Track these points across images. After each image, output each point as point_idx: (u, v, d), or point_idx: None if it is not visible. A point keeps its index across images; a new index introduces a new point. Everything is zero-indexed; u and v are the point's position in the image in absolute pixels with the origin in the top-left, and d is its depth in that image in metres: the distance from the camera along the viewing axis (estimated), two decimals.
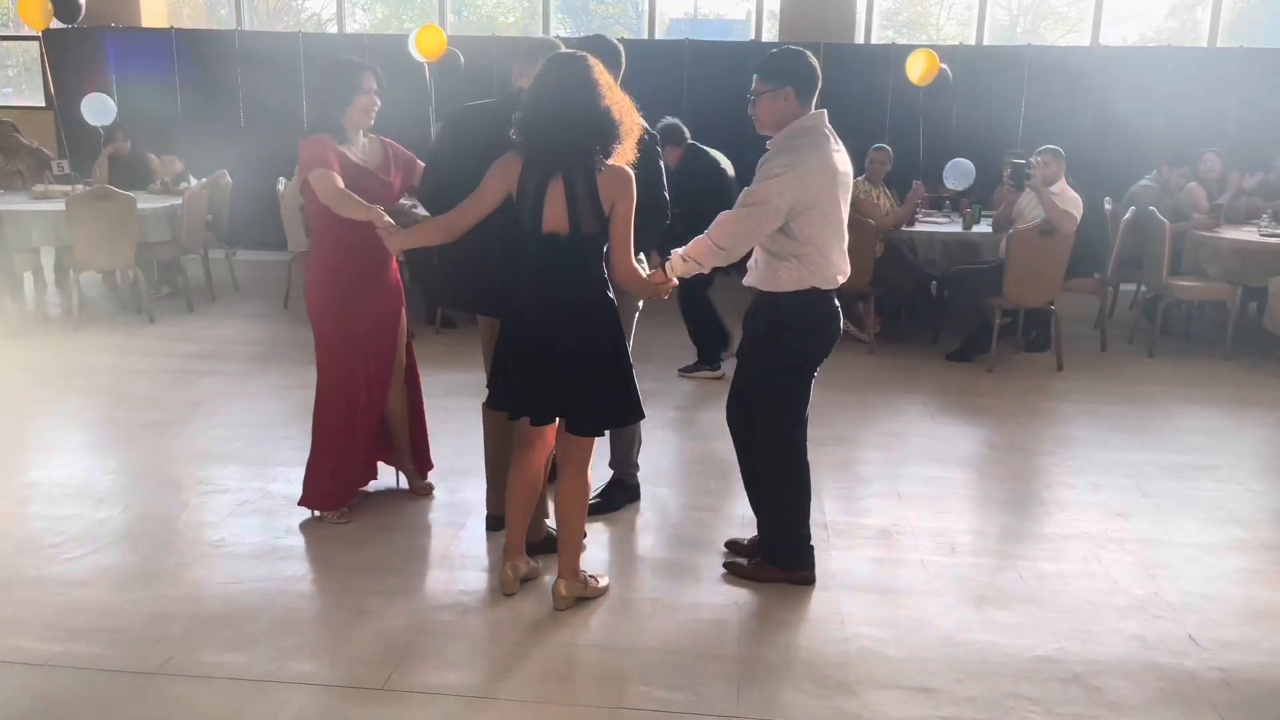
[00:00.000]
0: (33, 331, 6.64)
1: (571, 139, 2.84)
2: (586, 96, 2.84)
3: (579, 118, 2.83)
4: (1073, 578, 3.50)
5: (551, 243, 2.91)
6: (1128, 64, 9.19)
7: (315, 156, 3.47)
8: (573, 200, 2.86)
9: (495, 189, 2.96)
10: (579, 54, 2.92)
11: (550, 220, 2.89)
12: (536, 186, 2.88)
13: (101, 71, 9.68)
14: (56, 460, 4.44)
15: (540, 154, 2.88)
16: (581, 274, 2.96)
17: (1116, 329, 7.21)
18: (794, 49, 3.21)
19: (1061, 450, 4.84)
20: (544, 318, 2.96)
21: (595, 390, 3.00)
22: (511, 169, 2.93)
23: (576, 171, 2.85)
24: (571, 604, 3.18)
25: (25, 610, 3.11)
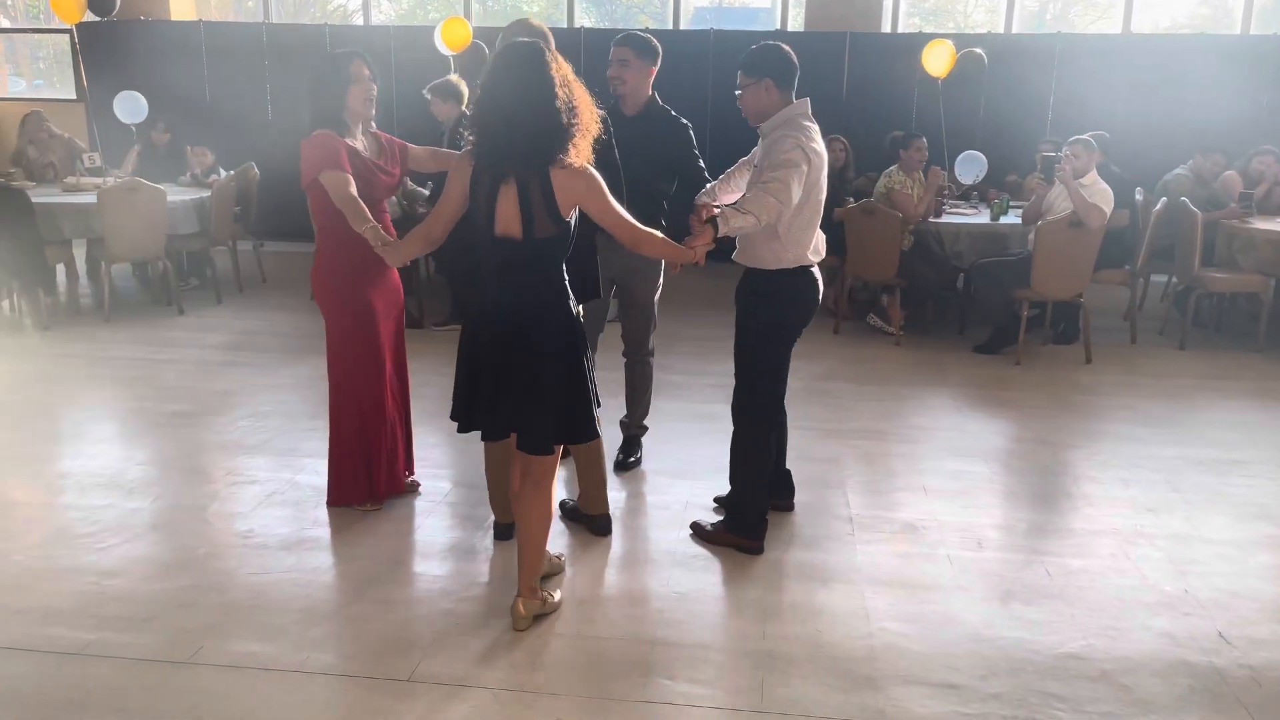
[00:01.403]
0: (64, 323, 6.73)
1: (522, 139, 2.66)
2: (539, 93, 2.65)
3: (530, 116, 2.65)
4: (1101, 574, 3.47)
5: (505, 246, 2.75)
6: (1159, 51, 9.05)
7: (327, 157, 3.44)
8: (526, 203, 2.70)
9: (455, 192, 2.82)
10: (532, 44, 2.72)
11: (503, 223, 2.73)
12: (489, 188, 2.72)
13: (131, 64, 9.76)
14: (89, 451, 4.50)
15: (490, 155, 2.71)
16: (536, 279, 2.79)
17: (1146, 321, 7.13)
18: (771, 43, 3.40)
19: (1090, 444, 4.80)
20: (497, 324, 2.80)
21: (546, 403, 2.82)
22: (465, 170, 2.79)
23: (530, 173, 2.68)
24: (530, 624, 3.03)
25: (59, 600, 3.16)
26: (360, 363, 3.72)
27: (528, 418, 2.85)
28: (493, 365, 2.82)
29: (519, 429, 2.89)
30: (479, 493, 4.09)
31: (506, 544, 3.60)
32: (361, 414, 3.75)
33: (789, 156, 3.22)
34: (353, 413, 3.75)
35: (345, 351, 3.71)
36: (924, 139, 6.86)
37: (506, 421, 2.89)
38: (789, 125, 3.32)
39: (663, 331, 6.77)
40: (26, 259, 6.50)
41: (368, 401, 3.75)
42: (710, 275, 8.81)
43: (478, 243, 2.83)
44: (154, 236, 6.80)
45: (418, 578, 3.37)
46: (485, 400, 2.86)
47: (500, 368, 2.81)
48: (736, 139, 8.08)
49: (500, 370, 2.81)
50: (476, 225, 2.81)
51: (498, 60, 2.74)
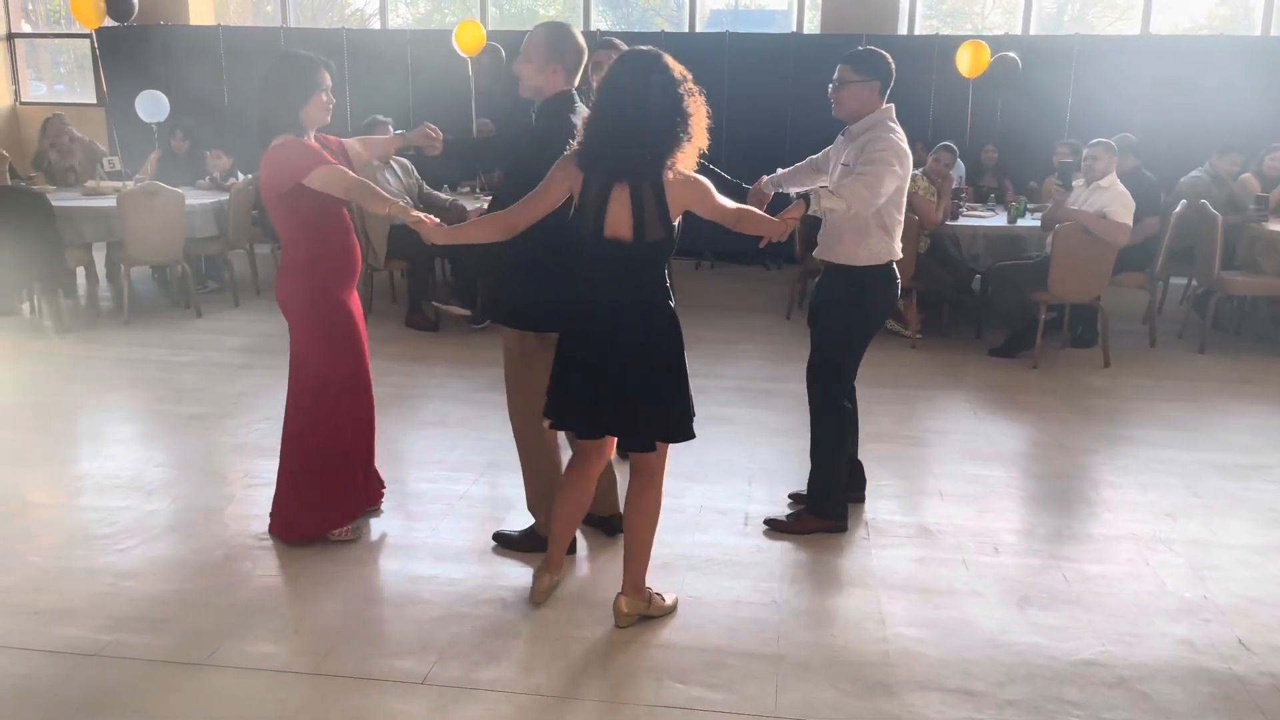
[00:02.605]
0: (84, 325, 6.78)
1: (639, 147, 2.72)
2: (658, 101, 2.71)
3: (648, 124, 2.71)
4: (1119, 579, 3.45)
5: (613, 248, 2.80)
6: (1178, 53, 8.99)
7: (307, 156, 3.26)
8: (638, 207, 2.75)
9: (556, 192, 2.86)
10: (651, 52, 2.78)
11: (612, 226, 2.77)
12: (600, 192, 2.77)
13: (151, 69, 9.84)
14: (107, 452, 4.53)
15: (604, 160, 2.76)
16: (643, 279, 2.85)
17: (1166, 324, 7.07)
18: (878, 49, 3.63)
19: (1108, 448, 4.76)
20: (603, 325, 2.86)
21: (649, 403, 2.87)
22: (572, 170, 2.82)
23: (643, 179, 2.75)
24: (634, 622, 3.07)
25: (77, 601, 3.18)
26: (350, 375, 3.52)
27: (632, 417, 2.89)
28: (596, 365, 2.86)
29: (622, 429, 2.95)
30: (495, 491, 4.10)
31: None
32: (340, 433, 3.52)
33: (884, 154, 3.41)
34: (329, 433, 3.50)
35: (327, 366, 3.46)
36: (953, 149, 6.80)
37: (606, 421, 2.93)
38: (881, 126, 3.51)
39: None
40: (47, 262, 6.56)
41: (351, 417, 3.55)
42: (727, 278, 8.80)
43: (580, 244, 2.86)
44: (173, 240, 6.85)
45: (433, 580, 3.38)
46: (585, 400, 2.90)
47: (604, 367, 2.85)
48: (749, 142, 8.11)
49: (604, 370, 2.85)
50: (579, 227, 2.84)
51: (618, 67, 2.79)
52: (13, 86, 11.17)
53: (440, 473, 4.31)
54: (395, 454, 4.48)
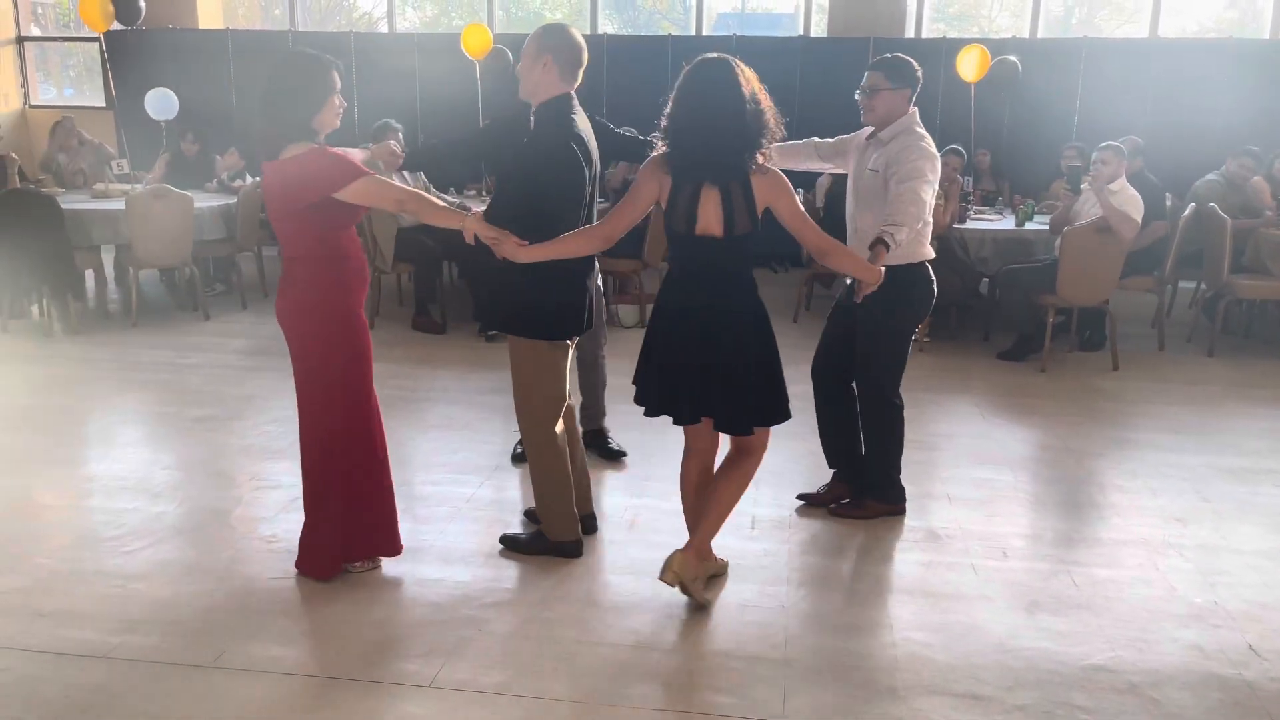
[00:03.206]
0: (93, 328, 6.80)
1: (725, 149, 2.86)
2: (737, 105, 2.85)
3: (730, 127, 2.85)
4: (1128, 584, 3.43)
5: (705, 245, 2.95)
6: (1186, 56, 8.97)
7: (340, 168, 3.05)
8: (728, 204, 2.90)
9: (646, 197, 3.00)
10: (724, 59, 2.91)
11: (704, 224, 2.92)
12: (691, 193, 2.91)
13: (159, 72, 9.87)
14: (115, 454, 4.54)
15: (693, 163, 2.90)
16: (735, 274, 3.01)
17: (1175, 328, 7.05)
18: (906, 56, 3.75)
19: (1117, 452, 4.75)
20: (698, 318, 2.99)
21: (746, 388, 3.02)
22: (661, 173, 2.95)
23: (732, 179, 2.89)
24: (677, 581, 3.11)
25: (86, 603, 3.19)
26: (357, 404, 3.29)
27: (730, 403, 3.03)
28: (692, 354, 2.99)
29: (720, 414, 3.06)
30: (500, 494, 4.10)
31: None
32: (359, 463, 3.33)
33: (916, 165, 3.53)
34: (348, 464, 3.30)
35: (339, 396, 3.25)
36: (962, 153, 6.79)
37: (706, 408, 3.06)
38: (910, 134, 3.64)
39: None
40: (56, 264, 6.59)
41: (368, 449, 3.35)
42: None
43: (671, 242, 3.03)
44: (181, 243, 6.87)
45: (439, 583, 3.37)
46: (684, 388, 3.03)
47: (700, 356, 2.99)
48: None
49: (700, 359, 2.98)
50: (670, 226, 2.99)
51: (693, 75, 2.91)
52: (22, 90, 11.22)
53: (446, 475, 4.31)
54: (402, 457, 4.48)
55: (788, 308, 7.51)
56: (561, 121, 3.29)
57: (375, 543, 3.42)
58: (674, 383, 3.05)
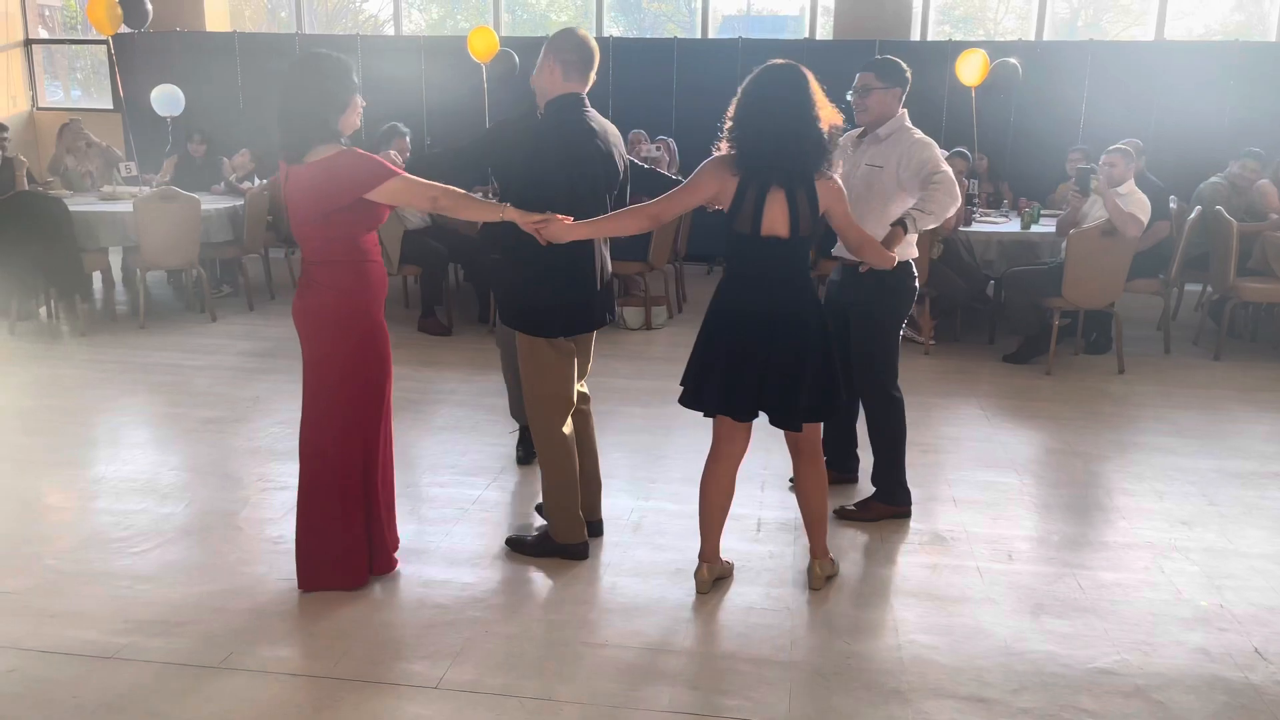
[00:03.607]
0: (100, 329, 6.83)
1: (795, 154, 2.96)
2: (806, 111, 2.95)
3: (800, 132, 2.95)
4: (1134, 588, 3.43)
5: (770, 245, 3.03)
6: (1193, 59, 8.95)
7: (371, 168, 3.01)
8: (794, 206, 2.98)
9: (705, 190, 3.05)
10: (793, 65, 3.01)
11: (769, 224, 3.00)
12: (758, 194, 2.99)
13: (167, 74, 9.91)
14: (123, 456, 4.56)
15: (762, 166, 2.97)
16: (798, 273, 3.10)
17: (1181, 331, 7.04)
18: (897, 59, 3.82)
19: (1122, 455, 4.74)
20: (764, 317, 3.06)
21: (807, 382, 3.09)
22: (726, 174, 3.01)
23: (798, 182, 2.98)
24: (825, 584, 3.36)
25: (93, 604, 3.20)
26: (370, 415, 3.24)
27: (792, 397, 3.09)
28: (757, 352, 3.06)
29: (780, 411, 3.12)
30: (505, 495, 4.11)
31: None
32: (366, 474, 3.26)
33: (937, 158, 3.63)
34: (355, 473, 3.23)
35: (351, 404, 3.19)
36: (967, 155, 6.79)
37: (767, 404, 3.12)
38: (905, 131, 3.76)
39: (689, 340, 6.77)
40: (64, 266, 6.62)
41: (378, 457, 3.30)
42: None
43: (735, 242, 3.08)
44: (188, 245, 6.89)
45: (446, 584, 3.38)
46: (744, 386, 3.09)
47: (765, 354, 3.06)
48: None
49: (766, 356, 3.06)
50: (733, 226, 3.05)
51: (763, 80, 3.00)
52: (30, 92, 11.26)
53: (453, 477, 4.32)
54: (409, 459, 4.49)
55: None
56: (573, 117, 3.30)
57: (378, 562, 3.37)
58: (736, 381, 3.10)
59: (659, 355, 6.34)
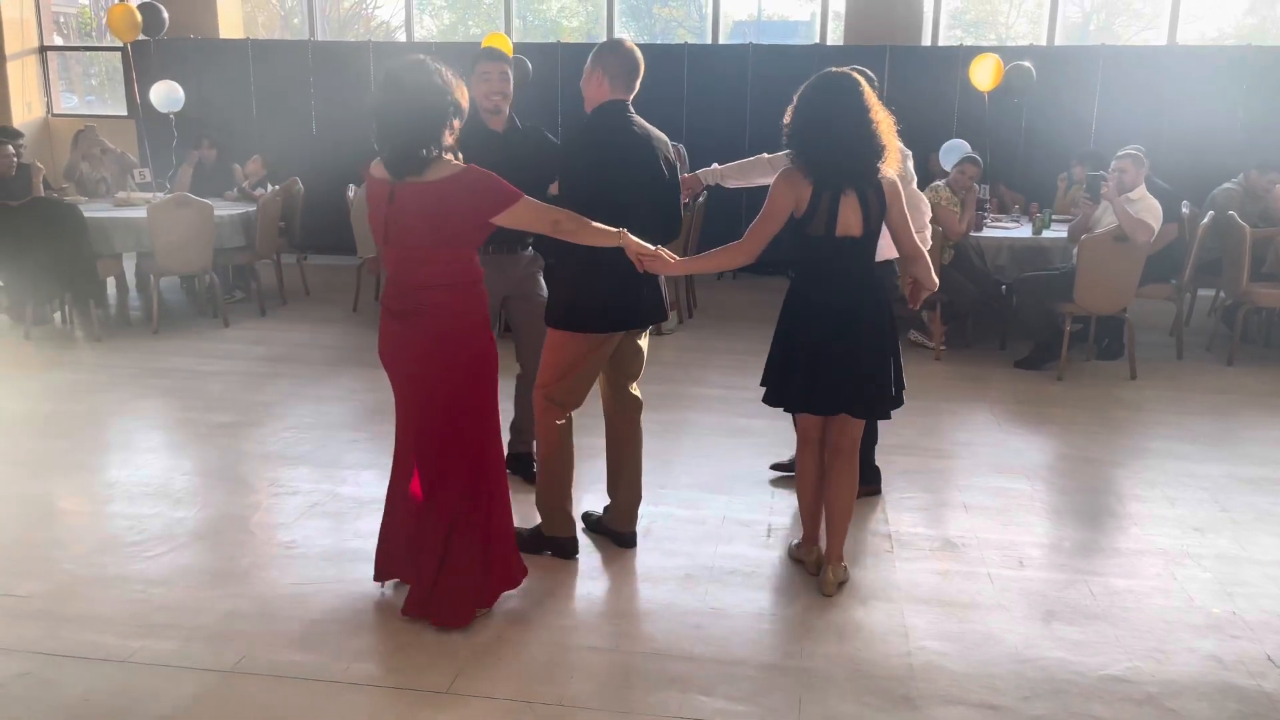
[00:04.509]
0: (114, 335, 6.87)
1: (863, 157, 3.11)
2: (867, 116, 3.10)
3: (866, 136, 3.09)
4: (1146, 594, 3.42)
5: (845, 245, 3.18)
6: (1205, 63, 8.92)
7: (500, 189, 2.91)
8: (865, 207, 3.14)
9: (785, 206, 3.15)
10: (849, 74, 3.14)
11: (844, 226, 3.14)
12: (831, 197, 3.12)
13: (181, 81, 9.96)
14: (137, 460, 4.59)
15: (833, 169, 3.10)
16: (868, 270, 3.26)
17: (1193, 336, 7.01)
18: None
19: (1135, 462, 4.73)
20: (843, 313, 3.20)
21: (880, 374, 3.26)
22: (799, 184, 3.12)
23: (867, 184, 3.14)
24: (837, 591, 3.39)
25: (107, 607, 3.23)
26: (495, 436, 3.17)
27: (866, 391, 3.25)
28: (839, 346, 3.20)
29: (859, 402, 3.26)
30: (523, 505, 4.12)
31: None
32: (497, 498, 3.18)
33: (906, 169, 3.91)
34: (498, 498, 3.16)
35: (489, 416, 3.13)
36: (979, 161, 6.77)
37: (845, 398, 3.25)
38: None
39: (700, 346, 6.80)
40: (78, 272, 6.66)
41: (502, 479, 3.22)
42: (751, 289, 8.81)
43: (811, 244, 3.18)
44: (201, 250, 6.93)
45: None
46: (827, 382, 3.22)
47: (846, 346, 3.20)
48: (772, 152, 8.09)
49: (842, 348, 3.20)
50: (807, 230, 3.16)
51: (821, 90, 3.13)
52: (45, 99, 11.34)
53: None
54: None
55: None
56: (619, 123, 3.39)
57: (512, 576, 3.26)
58: (819, 376, 3.22)
59: (669, 360, 6.35)
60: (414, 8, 11.13)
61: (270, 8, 16.75)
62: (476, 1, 16.62)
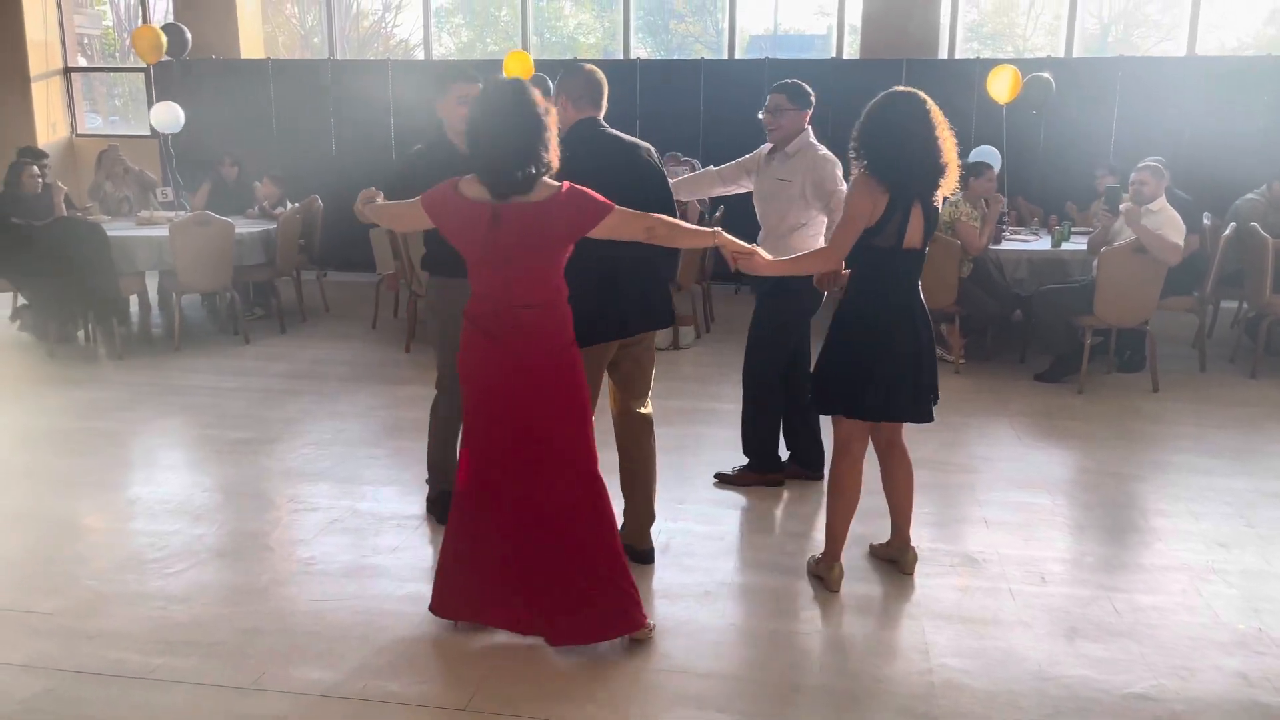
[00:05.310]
0: (136, 352, 6.93)
1: (932, 171, 3.26)
2: (931, 133, 3.24)
3: (933, 150, 3.24)
4: (1171, 611, 3.37)
5: (910, 255, 3.32)
6: (1225, 73, 8.86)
7: (596, 201, 2.90)
8: (928, 219, 3.30)
9: (865, 212, 3.24)
10: (915, 93, 3.28)
11: (910, 237, 3.28)
12: (903, 209, 3.24)
13: (202, 101, 10.09)
14: (158, 477, 4.62)
15: (909, 182, 3.24)
16: (918, 280, 3.40)
17: (1216, 348, 6.94)
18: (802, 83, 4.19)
19: (1158, 476, 4.68)
20: (903, 321, 3.33)
21: (931, 384, 3.41)
22: (878, 194, 3.22)
23: (930, 198, 3.29)
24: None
25: (128, 624, 3.24)
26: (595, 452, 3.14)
27: (924, 395, 3.40)
28: (902, 353, 3.33)
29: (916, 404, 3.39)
30: None
31: None
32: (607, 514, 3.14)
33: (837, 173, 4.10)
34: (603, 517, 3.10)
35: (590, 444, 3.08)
36: (994, 170, 6.75)
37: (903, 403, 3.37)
38: (812, 146, 4.17)
39: (718, 360, 6.79)
40: (101, 290, 6.73)
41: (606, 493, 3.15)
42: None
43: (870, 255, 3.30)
44: (222, 268, 6.99)
45: None
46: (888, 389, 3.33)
47: (907, 352, 3.33)
48: None
49: (907, 355, 3.33)
50: (880, 240, 3.26)
51: (890, 108, 3.26)
52: (69, 119, 11.50)
53: None
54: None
55: (818, 332, 7.45)
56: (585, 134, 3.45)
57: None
58: (878, 382, 3.32)
59: (687, 375, 6.34)
60: (432, 26, 11.22)
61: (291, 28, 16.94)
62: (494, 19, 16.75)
